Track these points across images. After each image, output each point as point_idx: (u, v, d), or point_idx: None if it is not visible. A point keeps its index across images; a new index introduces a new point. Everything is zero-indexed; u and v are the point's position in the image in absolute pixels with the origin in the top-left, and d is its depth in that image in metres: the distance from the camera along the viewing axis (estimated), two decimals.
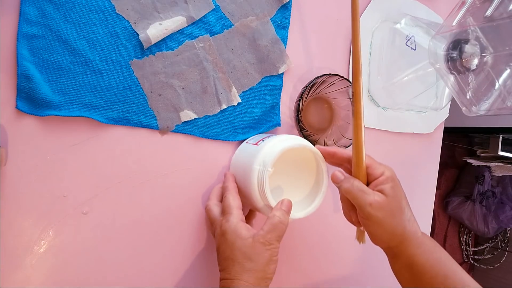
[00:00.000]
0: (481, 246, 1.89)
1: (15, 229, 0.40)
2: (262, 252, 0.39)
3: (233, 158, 0.51)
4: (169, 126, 0.47)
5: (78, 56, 0.42)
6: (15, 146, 0.41)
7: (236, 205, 0.42)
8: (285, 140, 0.44)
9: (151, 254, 0.47)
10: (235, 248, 0.39)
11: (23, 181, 0.41)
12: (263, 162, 0.42)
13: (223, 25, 0.49)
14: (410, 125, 0.67)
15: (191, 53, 0.47)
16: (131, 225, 0.46)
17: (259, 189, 0.42)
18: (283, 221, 0.40)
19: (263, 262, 0.39)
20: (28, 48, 0.40)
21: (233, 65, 0.50)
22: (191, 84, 0.48)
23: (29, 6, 0.40)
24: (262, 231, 0.40)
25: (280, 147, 0.42)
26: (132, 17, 0.44)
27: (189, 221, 0.50)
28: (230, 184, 0.46)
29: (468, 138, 1.84)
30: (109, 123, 0.45)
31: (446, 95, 0.67)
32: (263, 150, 0.43)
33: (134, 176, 0.46)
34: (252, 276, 0.38)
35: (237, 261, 0.39)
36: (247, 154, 0.47)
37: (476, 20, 0.50)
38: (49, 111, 0.41)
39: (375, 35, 0.61)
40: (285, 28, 0.53)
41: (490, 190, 1.70)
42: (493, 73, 0.52)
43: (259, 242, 0.39)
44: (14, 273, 0.40)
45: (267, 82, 0.53)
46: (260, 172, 0.42)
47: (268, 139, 0.45)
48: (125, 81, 0.45)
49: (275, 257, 0.40)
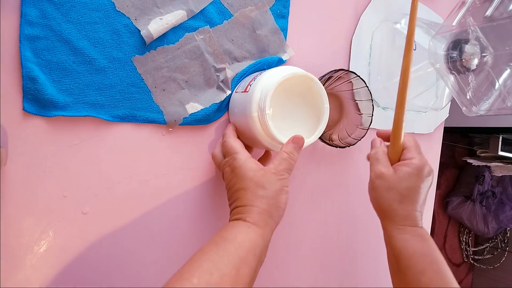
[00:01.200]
0: (481, 246, 1.89)
1: (15, 229, 0.40)
2: (274, 181, 0.39)
3: (230, 112, 0.50)
4: (176, 120, 0.47)
5: (81, 56, 0.42)
6: (15, 146, 0.40)
7: (239, 145, 0.43)
8: (272, 76, 0.43)
9: (151, 254, 0.47)
10: (246, 178, 0.39)
11: (23, 181, 0.41)
12: (259, 107, 0.41)
13: (222, 16, 0.49)
14: (410, 125, 0.67)
15: (192, 45, 0.47)
16: (131, 225, 0.46)
17: (265, 133, 0.42)
18: (293, 157, 0.41)
19: (275, 190, 0.39)
20: (31, 49, 0.40)
21: (234, 56, 0.50)
22: (194, 77, 0.48)
23: (30, 7, 0.40)
24: (272, 164, 0.40)
25: (271, 85, 0.41)
26: (132, 13, 0.44)
27: (190, 221, 0.50)
28: (228, 130, 0.46)
29: (468, 138, 1.84)
30: (116, 121, 0.45)
31: (446, 95, 0.67)
32: (255, 95, 0.42)
33: (135, 176, 0.46)
34: (265, 202, 0.38)
35: (250, 190, 0.39)
36: (240, 104, 0.46)
37: (476, 20, 0.50)
38: (56, 111, 0.41)
39: (375, 35, 0.61)
40: (284, 17, 0.53)
41: (490, 190, 1.70)
42: (493, 73, 0.52)
43: (270, 173, 0.40)
44: (14, 273, 0.40)
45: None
46: (260, 117, 0.41)
47: (255, 81, 0.44)
48: (128, 78, 0.45)
49: (287, 188, 0.40)
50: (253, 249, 0.35)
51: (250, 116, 0.42)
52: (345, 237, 0.63)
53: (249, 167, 0.40)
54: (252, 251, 0.35)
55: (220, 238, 0.36)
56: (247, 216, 0.38)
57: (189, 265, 0.33)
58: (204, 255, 0.34)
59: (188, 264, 0.33)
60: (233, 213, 0.40)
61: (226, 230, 0.37)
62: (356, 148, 0.60)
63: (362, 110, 0.55)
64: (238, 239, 0.35)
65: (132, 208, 0.46)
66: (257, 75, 0.46)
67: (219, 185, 0.51)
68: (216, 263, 0.33)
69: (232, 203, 0.41)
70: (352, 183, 0.62)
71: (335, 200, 0.61)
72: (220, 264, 0.33)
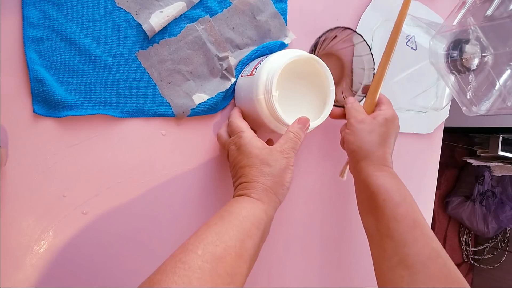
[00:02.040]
0: (481, 246, 1.89)
1: (15, 229, 0.40)
2: (279, 159, 0.40)
3: (235, 97, 0.50)
4: (184, 112, 0.47)
5: (85, 54, 0.42)
6: (15, 146, 0.40)
7: (245, 124, 0.43)
8: (278, 58, 0.43)
9: (152, 254, 0.47)
10: (252, 155, 0.40)
11: (23, 181, 0.41)
12: (266, 89, 0.42)
13: (221, 4, 0.49)
14: (410, 125, 0.67)
15: (193, 36, 0.48)
16: (131, 225, 0.46)
17: (272, 115, 0.43)
18: (298, 136, 0.42)
19: (280, 167, 0.40)
20: (36, 51, 0.40)
21: (236, 43, 0.50)
22: (198, 68, 0.48)
23: (31, 9, 0.40)
24: (278, 143, 0.41)
25: (277, 67, 0.41)
26: (133, 8, 0.44)
27: (191, 221, 0.49)
28: (234, 111, 0.47)
29: (468, 138, 1.84)
30: (125, 116, 0.45)
31: (446, 95, 0.67)
32: (261, 77, 0.43)
33: (135, 175, 0.46)
34: (270, 180, 0.39)
35: (255, 167, 0.39)
36: (246, 87, 0.46)
37: (476, 19, 0.50)
38: (66, 111, 0.42)
39: (375, 35, 0.61)
40: (283, 1, 0.53)
41: (490, 190, 1.70)
42: (494, 73, 0.52)
43: (276, 151, 0.40)
44: (14, 273, 0.40)
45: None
46: (267, 100, 0.42)
47: (261, 64, 0.45)
48: (134, 73, 0.45)
49: (292, 167, 0.41)
50: (257, 223, 0.36)
51: (257, 98, 0.43)
52: (346, 237, 0.63)
53: (255, 145, 0.40)
54: (256, 225, 0.36)
55: (225, 212, 0.36)
56: (251, 192, 0.38)
57: (194, 237, 0.33)
58: (209, 228, 0.34)
59: (193, 237, 0.33)
60: (238, 189, 0.40)
61: (231, 205, 0.37)
62: None
63: (364, 65, 0.54)
64: (242, 213, 0.36)
65: (132, 208, 0.46)
66: (263, 58, 0.47)
67: (222, 183, 0.51)
68: (221, 236, 0.33)
69: (236, 180, 0.41)
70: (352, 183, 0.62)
71: (335, 200, 0.61)
72: (225, 236, 0.33)
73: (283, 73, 0.42)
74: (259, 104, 0.43)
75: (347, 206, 0.62)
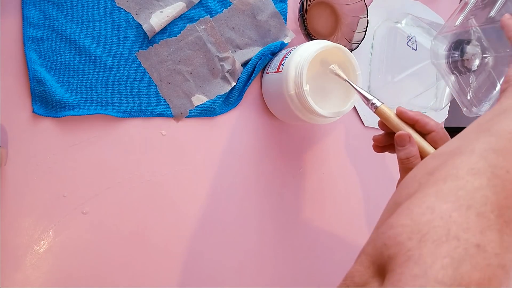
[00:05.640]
0: None
1: (15, 229, 0.40)
2: None
3: (264, 93, 0.52)
4: (182, 113, 0.48)
5: (85, 54, 0.42)
6: (15, 146, 0.40)
7: None
8: (305, 52, 0.44)
9: (152, 254, 0.47)
10: None
11: (23, 181, 0.41)
12: (296, 85, 0.43)
13: (222, 4, 0.49)
14: None
15: (194, 36, 0.48)
16: (131, 224, 0.46)
17: (305, 108, 0.44)
18: None
19: None
20: (35, 51, 0.40)
21: (236, 44, 0.50)
22: (198, 68, 0.48)
23: (31, 9, 0.40)
24: None
25: (304, 61, 0.42)
26: (132, 8, 0.44)
27: (191, 221, 0.49)
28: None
29: None
30: (125, 116, 0.45)
31: (446, 96, 0.67)
32: (289, 73, 0.44)
33: (135, 175, 0.46)
34: None
35: None
36: (275, 84, 0.48)
37: (478, 21, 0.50)
38: (66, 111, 0.42)
39: (376, 34, 0.61)
40: (283, 1, 0.53)
41: None
42: (494, 74, 0.52)
43: None
44: (14, 273, 0.40)
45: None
46: (298, 94, 0.43)
47: (286, 60, 0.46)
48: (134, 73, 0.45)
49: None
50: None
51: (288, 94, 0.44)
52: (347, 237, 0.63)
53: None
54: None
55: None
56: None
57: None
58: None
59: None
60: None
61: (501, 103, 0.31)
62: (358, 149, 0.60)
63: (356, 13, 0.54)
64: None
65: (133, 208, 0.46)
66: (287, 53, 0.47)
67: (222, 183, 0.51)
68: None
69: None
70: (353, 183, 0.62)
71: (336, 200, 0.61)
72: None
73: (310, 65, 0.43)
74: (291, 99, 0.44)
75: (348, 204, 0.62)
